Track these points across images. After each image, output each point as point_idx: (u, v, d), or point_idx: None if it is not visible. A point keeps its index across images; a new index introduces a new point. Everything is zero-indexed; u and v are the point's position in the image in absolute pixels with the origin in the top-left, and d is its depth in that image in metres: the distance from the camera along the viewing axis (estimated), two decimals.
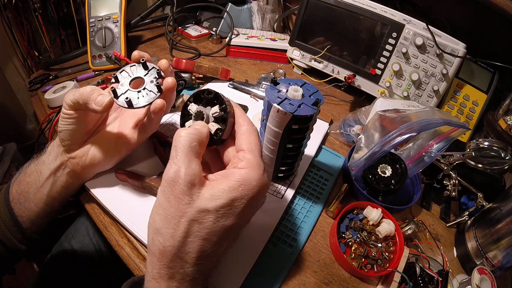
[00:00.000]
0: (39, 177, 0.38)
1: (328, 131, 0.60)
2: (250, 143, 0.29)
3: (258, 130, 0.41)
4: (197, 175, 0.26)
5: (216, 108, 0.31)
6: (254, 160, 0.28)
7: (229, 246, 0.29)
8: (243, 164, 0.27)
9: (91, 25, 0.70)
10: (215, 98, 0.32)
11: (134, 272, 0.37)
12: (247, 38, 0.83)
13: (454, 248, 0.47)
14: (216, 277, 0.34)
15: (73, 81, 0.64)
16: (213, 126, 0.31)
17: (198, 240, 0.25)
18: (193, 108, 0.32)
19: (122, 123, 0.41)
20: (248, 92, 0.66)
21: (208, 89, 0.32)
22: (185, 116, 0.33)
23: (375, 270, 0.39)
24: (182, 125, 0.34)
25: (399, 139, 0.41)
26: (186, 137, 0.27)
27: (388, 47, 0.63)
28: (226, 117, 0.31)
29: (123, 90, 0.36)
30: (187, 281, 0.26)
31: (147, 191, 0.42)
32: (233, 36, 0.83)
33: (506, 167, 0.52)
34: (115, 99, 0.35)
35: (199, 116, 0.32)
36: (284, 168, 0.44)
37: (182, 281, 0.26)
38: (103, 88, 0.38)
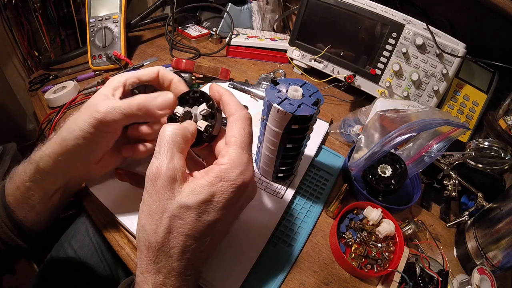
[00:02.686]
0: (45, 192, 0.36)
1: (328, 131, 0.60)
2: (233, 136, 0.29)
3: (258, 130, 0.42)
4: (178, 169, 0.26)
5: (203, 106, 0.32)
6: (235, 154, 0.28)
7: (216, 241, 0.29)
8: (224, 160, 0.27)
9: (91, 25, 0.70)
10: (201, 97, 0.32)
11: (134, 272, 0.37)
12: (247, 38, 0.83)
13: (454, 248, 0.47)
14: (216, 276, 0.34)
15: (73, 81, 0.64)
16: (203, 124, 0.31)
17: (181, 235, 0.25)
18: (179, 110, 0.32)
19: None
20: (248, 92, 0.66)
21: (193, 89, 0.33)
22: (173, 120, 0.33)
23: (375, 270, 0.39)
24: None
25: (399, 139, 0.41)
26: (170, 132, 0.27)
27: (388, 47, 0.63)
28: (214, 113, 0.31)
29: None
30: (173, 275, 0.26)
31: None
32: (233, 36, 0.83)
33: (506, 167, 0.52)
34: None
35: (187, 116, 0.32)
36: (284, 168, 0.44)
37: (168, 275, 0.26)
38: None
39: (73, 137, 0.32)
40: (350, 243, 0.40)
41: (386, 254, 0.40)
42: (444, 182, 0.51)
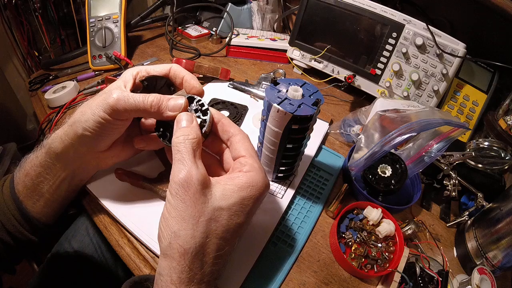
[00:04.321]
0: (53, 179, 0.36)
1: (328, 131, 0.60)
2: (247, 149, 0.31)
3: (258, 130, 0.42)
4: (205, 174, 0.27)
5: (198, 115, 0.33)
6: (256, 163, 0.30)
7: (236, 243, 0.30)
8: (247, 168, 0.30)
9: (91, 25, 0.70)
10: (201, 109, 0.33)
11: (134, 272, 0.37)
12: (247, 38, 0.83)
13: (454, 248, 0.47)
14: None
15: (73, 81, 0.64)
16: None
17: (216, 239, 0.26)
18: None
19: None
20: (248, 92, 0.66)
21: (199, 98, 0.34)
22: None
23: (375, 270, 0.39)
24: (157, 128, 0.34)
25: (399, 139, 0.41)
26: (189, 141, 0.28)
27: (388, 47, 0.63)
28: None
29: None
30: (204, 282, 0.26)
31: (147, 191, 0.42)
32: (233, 36, 0.83)
33: (506, 167, 0.52)
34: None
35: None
36: (284, 168, 0.44)
37: (200, 283, 0.26)
38: (102, 89, 0.38)
39: (84, 120, 0.32)
40: (350, 243, 0.40)
41: (386, 254, 0.40)
42: (444, 182, 0.51)
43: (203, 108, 0.33)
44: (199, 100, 0.34)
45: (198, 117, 0.33)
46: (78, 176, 0.39)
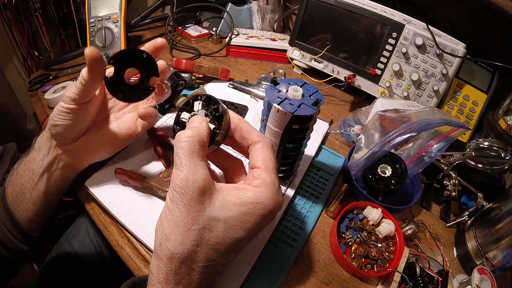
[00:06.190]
0: (32, 176, 0.37)
1: (328, 131, 0.60)
2: (264, 160, 0.29)
3: (258, 130, 0.42)
4: (206, 179, 0.26)
5: (203, 111, 0.31)
6: (269, 179, 0.28)
7: (234, 256, 0.29)
8: (258, 183, 0.28)
9: (91, 25, 0.70)
10: (217, 119, 0.31)
11: (134, 272, 0.37)
12: (247, 38, 0.83)
13: (454, 248, 0.47)
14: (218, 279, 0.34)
15: (73, 81, 0.64)
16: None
17: (207, 249, 0.25)
18: (185, 116, 0.32)
19: (120, 117, 0.42)
20: (248, 92, 0.66)
21: (200, 94, 0.32)
22: (179, 124, 0.32)
23: (375, 270, 0.39)
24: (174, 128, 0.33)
25: (399, 139, 0.41)
26: (186, 142, 0.27)
27: (388, 47, 0.63)
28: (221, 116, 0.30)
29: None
30: (193, 287, 0.26)
31: (147, 191, 0.42)
32: (233, 36, 0.83)
33: (506, 167, 0.52)
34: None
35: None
36: (284, 168, 0.44)
37: (188, 287, 0.26)
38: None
39: (52, 114, 0.36)
40: (350, 243, 0.40)
41: (386, 254, 0.40)
42: (444, 182, 0.51)
43: (217, 114, 0.30)
44: (216, 103, 0.31)
45: (212, 122, 0.31)
46: (54, 174, 0.38)
